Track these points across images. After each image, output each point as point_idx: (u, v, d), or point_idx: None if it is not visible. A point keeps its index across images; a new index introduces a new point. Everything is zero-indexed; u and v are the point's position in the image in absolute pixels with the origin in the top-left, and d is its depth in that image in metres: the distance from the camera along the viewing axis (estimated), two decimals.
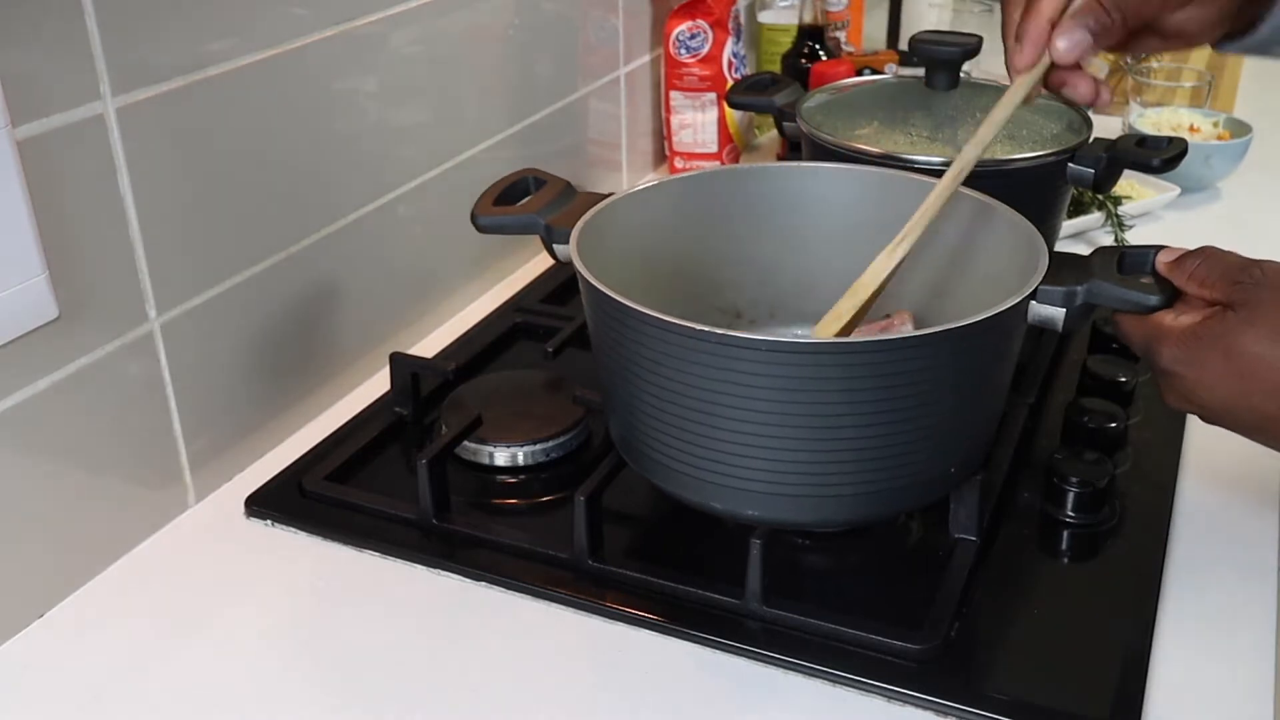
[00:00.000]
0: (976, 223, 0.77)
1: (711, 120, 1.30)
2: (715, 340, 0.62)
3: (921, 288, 0.81)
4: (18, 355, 0.66)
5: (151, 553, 0.76)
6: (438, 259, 1.02)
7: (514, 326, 1.02)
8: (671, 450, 0.67)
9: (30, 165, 0.64)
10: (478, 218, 0.77)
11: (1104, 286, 0.67)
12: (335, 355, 0.92)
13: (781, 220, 0.84)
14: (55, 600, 0.72)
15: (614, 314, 0.66)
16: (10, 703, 0.65)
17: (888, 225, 0.82)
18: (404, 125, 0.95)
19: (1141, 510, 0.78)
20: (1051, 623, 0.69)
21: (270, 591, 0.73)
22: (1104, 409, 0.84)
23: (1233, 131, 1.33)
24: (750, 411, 0.63)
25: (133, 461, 0.75)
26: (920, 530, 0.76)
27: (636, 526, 0.77)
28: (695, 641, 0.68)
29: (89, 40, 0.67)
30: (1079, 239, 1.18)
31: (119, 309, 0.72)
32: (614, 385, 0.70)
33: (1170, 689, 0.65)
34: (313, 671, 0.67)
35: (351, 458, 0.83)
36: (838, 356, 0.62)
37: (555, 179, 0.80)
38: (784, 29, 1.46)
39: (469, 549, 0.75)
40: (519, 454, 0.83)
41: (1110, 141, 0.92)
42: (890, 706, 0.64)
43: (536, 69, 1.12)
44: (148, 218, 0.73)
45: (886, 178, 0.82)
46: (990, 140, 0.74)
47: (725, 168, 0.84)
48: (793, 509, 0.67)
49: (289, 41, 0.81)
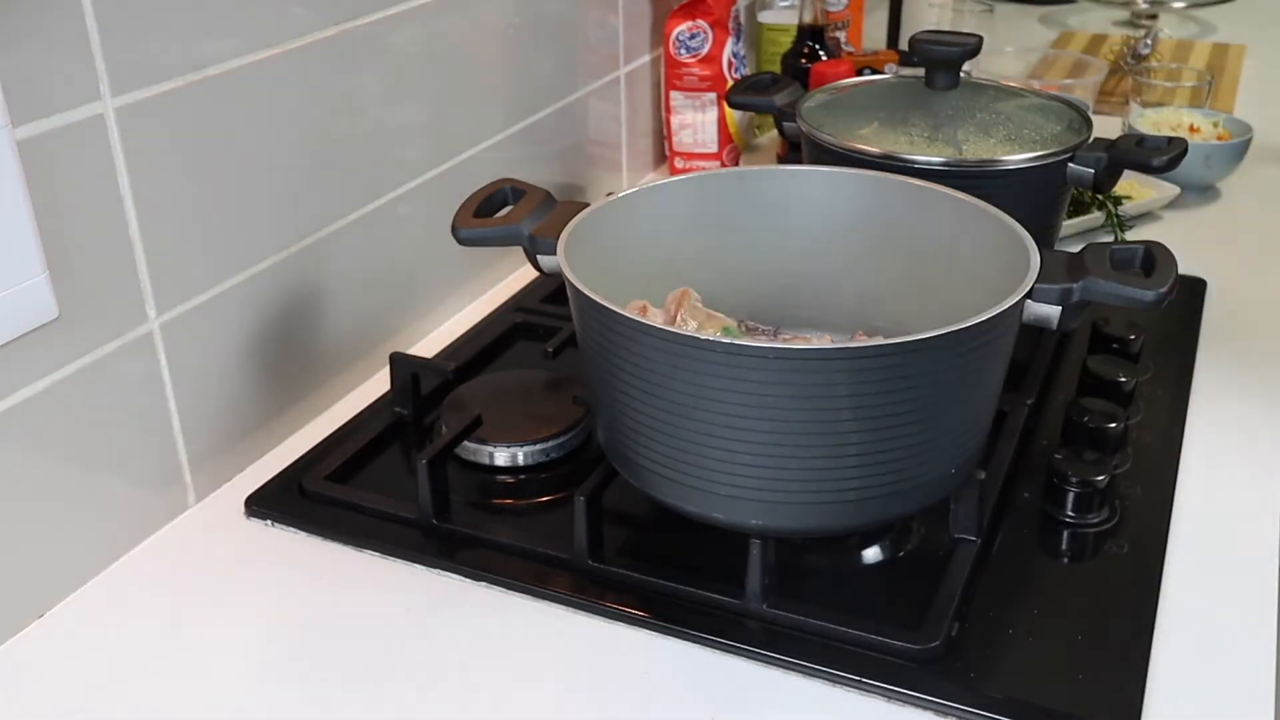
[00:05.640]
0: (962, 223, 0.77)
1: (711, 120, 1.30)
2: (722, 350, 0.62)
3: (907, 289, 0.81)
4: (18, 355, 0.66)
5: (151, 553, 0.76)
6: (438, 259, 1.02)
7: (514, 326, 1.02)
8: (670, 462, 0.67)
9: (30, 165, 0.64)
10: (458, 230, 0.77)
11: (1099, 283, 0.67)
12: (335, 355, 0.92)
13: (771, 225, 0.84)
14: (55, 600, 0.72)
15: (613, 327, 0.66)
16: (10, 703, 0.65)
17: (884, 229, 0.82)
18: (404, 125, 0.95)
19: (1141, 510, 0.78)
20: (1051, 623, 0.69)
21: (270, 591, 0.73)
22: (1104, 409, 0.84)
23: (1233, 131, 1.33)
24: (755, 420, 0.63)
25: (133, 461, 0.75)
26: (920, 530, 0.76)
27: (636, 526, 0.77)
28: (695, 641, 0.68)
29: (89, 40, 0.67)
30: (1079, 239, 1.18)
31: (119, 309, 0.73)
32: (609, 398, 0.70)
33: (1170, 689, 0.65)
34: (312, 671, 0.67)
35: (351, 458, 0.83)
36: (846, 362, 0.62)
37: (534, 188, 0.80)
38: (784, 29, 1.46)
39: (469, 549, 0.75)
40: (519, 454, 0.83)
41: (1110, 141, 0.92)
42: (890, 706, 0.64)
43: (536, 69, 1.12)
44: (148, 218, 0.73)
45: (879, 181, 0.82)
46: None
47: (711, 173, 0.84)
48: (796, 516, 0.67)
49: (289, 41, 0.81)
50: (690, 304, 0.77)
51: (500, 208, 0.81)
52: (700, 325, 0.77)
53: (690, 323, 0.76)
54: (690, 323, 0.76)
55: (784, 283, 0.85)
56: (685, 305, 0.77)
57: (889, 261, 0.82)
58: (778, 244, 0.84)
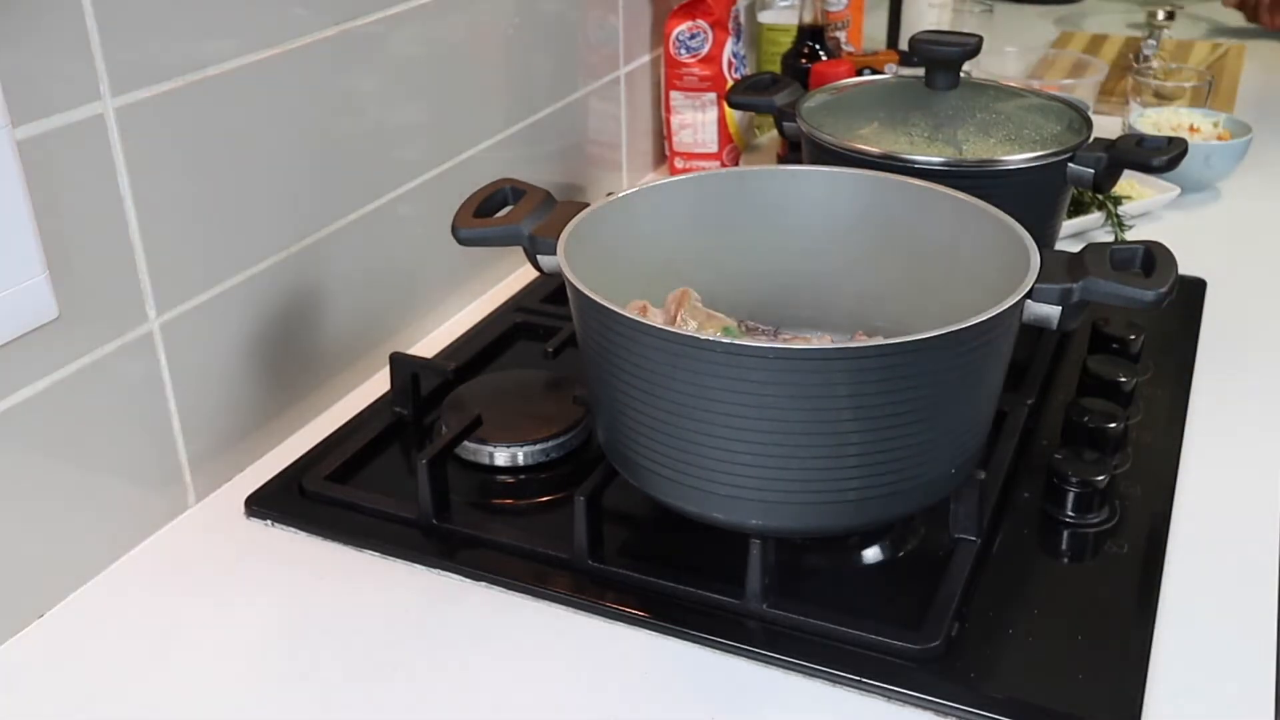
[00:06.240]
0: (962, 223, 0.77)
1: (711, 120, 1.30)
2: (722, 350, 0.62)
3: (907, 289, 0.81)
4: (18, 355, 0.66)
5: (151, 553, 0.76)
6: (438, 259, 1.02)
7: (514, 326, 1.02)
8: (670, 462, 0.67)
9: (30, 165, 0.64)
10: (458, 230, 0.77)
11: (1099, 283, 0.67)
12: (335, 355, 0.92)
13: (771, 225, 0.84)
14: (55, 600, 0.72)
15: (613, 327, 0.66)
16: (10, 703, 0.65)
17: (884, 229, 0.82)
18: (404, 125, 0.95)
19: (1141, 510, 0.78)
20: (1051, 623, 0.69)
21: (270, 591, 0.73)
22: (1104, 409, 0.84)
23: (1233, 131, 1.33)
24: (755, 420, 0.63)
25: (133, 461, 0.75)
26: (920, 530, 0.76)
27: (636, 526, 0.77)
28: (695, 641, 0.68)
29: (89, 40, 0.67)
30: (1079, 239, 1.18)
31: (119, 309, 0.73)
32: (609, 398, 0.70)
33: (1170, 689, 0.65)
34: (312, 671, 0.67)
35: (351, 458, 0.83)
36: (847, 362, 0.62)
37: (534, 188, 0.80)
38: (784, 29, 1.46)
39: (469, 549, 0.75)
40: (519, 454, 0.83)
41: (1110, 141, 0.92)
42: (890, 706, 0.64)
43: (536, 69, 1.12)
44: (148, 218, 0.73)
45: (879, 181, 0.82)
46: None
47: (711, 173, 0.84)
48: (796, 516, 0.67)
49: (289, 41, 0.81)
50: (690, 304, 0.78)
51: (500, 208, 0.81)
52: (700, 325, 0.77)
53: (690, 323, 0.76)
54: (690, 323, 0.76)
55: (784, 283, 0.85)
56: (685, 305, 0.77)
57: (889, 261, 0.82)
58: (778, 244, 0.84)
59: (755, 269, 0.84)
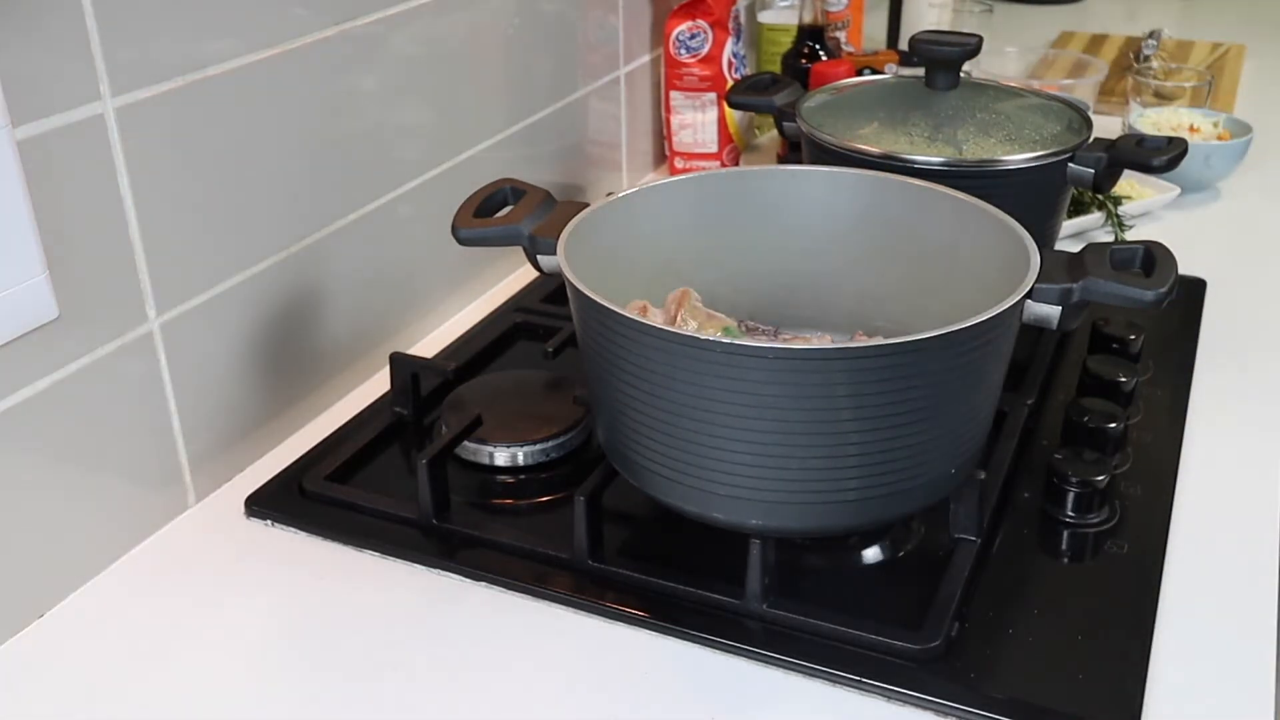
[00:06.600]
0: (962, 223, 0.77)
1: (711, 120, 1.30)
2: (722, 350, 0.62)
3: (907, 289, 0.81)
4: (18, 355, 0.66)
5: (151, 553, 0.76)
6: (438, 259, 1.02)
7: (514, 326, 1.02)
8: (670, 462, 0.67)
9: (30, 165, 0.64)
10: (458, 230, 0.77)
11: (1099, 283, 0.67)
12: (335, 355, 0.92)
13: (771, 225, 0.84)
14: (55, 600, 0.72)
15: (613, 327, 0.66)
16: (10, 703, 0.65)
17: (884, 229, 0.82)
18: (404, 125, 0.95)
19: (1141, 510, 0.78)
20: (1051, 623, 0.69)
21: (270, 591, 0.73)
22: (1104, 409, 0.84)
23: (1233, 131, 1.33)
24: (755, 420, 0.63)
25: (133, 461, 0.75)
26: (920, 530, 0.76)
27: (636, 526, 0.77)
28: (695, 641, 0.68)
29: (89, 40, 0.67)
30: (1079, 239, 1.18)
31: (119, 309, 0.73)
32: (609, 398, 0.70)
33: (1170, 689, 0.65)
34: (312, 671, 0.67)
35: (351, 458, 0.83)
36: (847, 362, 0.62)
37: (534, 188, 0.80)
38: (784, 29, 1.46)
39: (469, 549, 0.75)
40: (519, 454, 0.83)
41: (1110, 141, 0.92)
42: (890, 706, 0.64)
43: (536, 69, 1.12)
44: (148, 218, 0.73)
45: (879, 181, 0.82)
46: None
47: (711, 173, 0.84)
48: (796, 516, 0.67)
49: (289, 41, 0.81)
50: (690, 304, 0.78)
51: (500, 208, 0.81)
52: (700, 325, 0.77)
53: (690, 323, 0.76)
54: (690, 323, 0.76)
55: (784, 283, 0.85)
56: (685, 305, 0.77)
57: (889, 261, 0.82)
58: (778, 244, 0.84)
59: (755, 269, 0.85)
